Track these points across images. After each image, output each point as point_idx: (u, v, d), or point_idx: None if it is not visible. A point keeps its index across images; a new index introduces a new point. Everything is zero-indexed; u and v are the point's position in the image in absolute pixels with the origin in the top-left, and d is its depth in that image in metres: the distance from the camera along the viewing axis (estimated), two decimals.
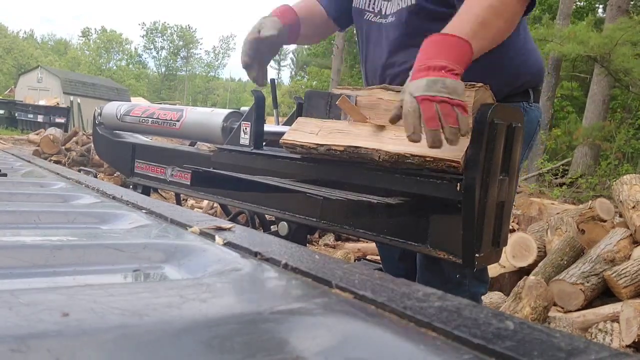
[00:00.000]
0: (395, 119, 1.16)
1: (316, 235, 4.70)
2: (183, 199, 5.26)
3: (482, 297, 1.63)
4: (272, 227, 1.89)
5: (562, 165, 10.93)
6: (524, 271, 3.43)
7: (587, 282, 3.07)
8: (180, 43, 61.29)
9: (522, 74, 1.45)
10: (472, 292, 1.46)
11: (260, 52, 1.51)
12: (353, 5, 1.60)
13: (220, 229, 0.77)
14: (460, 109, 1.06)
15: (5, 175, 1.43)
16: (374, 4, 1.52)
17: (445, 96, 1.05)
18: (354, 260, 3.74)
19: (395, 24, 1.45)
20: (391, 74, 1.47)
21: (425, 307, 0.44)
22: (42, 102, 20.46)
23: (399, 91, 1.31)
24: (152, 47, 61.33)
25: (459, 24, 1.17)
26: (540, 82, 1.53)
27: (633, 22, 9.01)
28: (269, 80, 1.65)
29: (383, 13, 1.49)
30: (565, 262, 3.29)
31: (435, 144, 1.07)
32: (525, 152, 1.49)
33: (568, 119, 11.78)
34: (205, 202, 5.16)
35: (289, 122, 1.79)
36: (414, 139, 1.09)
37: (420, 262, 1.52)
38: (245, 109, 1.90)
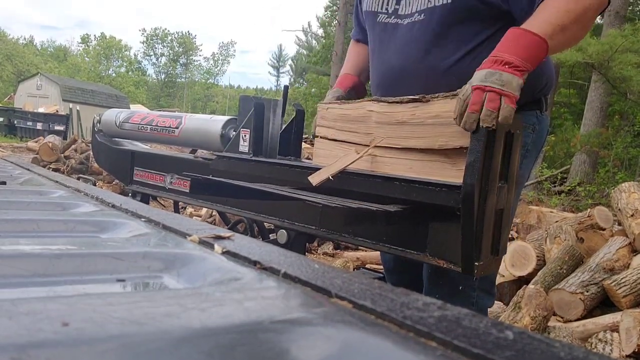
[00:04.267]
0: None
1: (315, 243, 4.69)
2: (181, 207, 5.25)
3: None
4: (271, 235, 1.89)
5: (561, 172, 10.94)
6: (523, 280, 3.43)
7: (587, 291, 3.06)
8: (180, 50, 61.43)
9: (539, 82, 1.44)
10: (479, 304, 1.45)
11: None
12: (364, 9, 1.58)
13: (219, 238, 0.76)
14: (507, 99, 1.10)
15: (4, 183, 1.43)
16: (387, 4, 1.49)
17: (496, 87, 1.10)
18: (353, 269, 3.74)
19: (423, 23, 1.41)
20: (422, 75, 1.43)
21: (424, 316, 0.44)
22: (41, 110, 20.46)
23: (391, 103, 1.32)
24: (151, 53, 61.47)
25: (539, 23, 1.20)
26: (550, 90, 1.54)
27: (633, 29, 9.03)
28: None
29: (401, 13, 1.46)
30: (564, 271, 3.28)
31: (465, 125, 1.13)
32: (535, 159, 1.50)
33: (565, 126, 11.81)
34: (204, 210, 5.15)
35: (288, 129, 1.79)
36: (457, 124, 1.15)
37: (427, 273, 1.51)
38: None
